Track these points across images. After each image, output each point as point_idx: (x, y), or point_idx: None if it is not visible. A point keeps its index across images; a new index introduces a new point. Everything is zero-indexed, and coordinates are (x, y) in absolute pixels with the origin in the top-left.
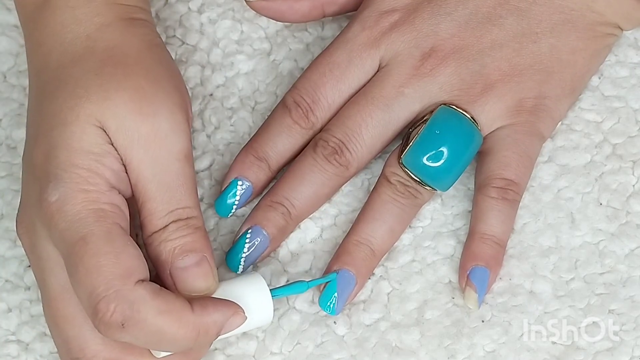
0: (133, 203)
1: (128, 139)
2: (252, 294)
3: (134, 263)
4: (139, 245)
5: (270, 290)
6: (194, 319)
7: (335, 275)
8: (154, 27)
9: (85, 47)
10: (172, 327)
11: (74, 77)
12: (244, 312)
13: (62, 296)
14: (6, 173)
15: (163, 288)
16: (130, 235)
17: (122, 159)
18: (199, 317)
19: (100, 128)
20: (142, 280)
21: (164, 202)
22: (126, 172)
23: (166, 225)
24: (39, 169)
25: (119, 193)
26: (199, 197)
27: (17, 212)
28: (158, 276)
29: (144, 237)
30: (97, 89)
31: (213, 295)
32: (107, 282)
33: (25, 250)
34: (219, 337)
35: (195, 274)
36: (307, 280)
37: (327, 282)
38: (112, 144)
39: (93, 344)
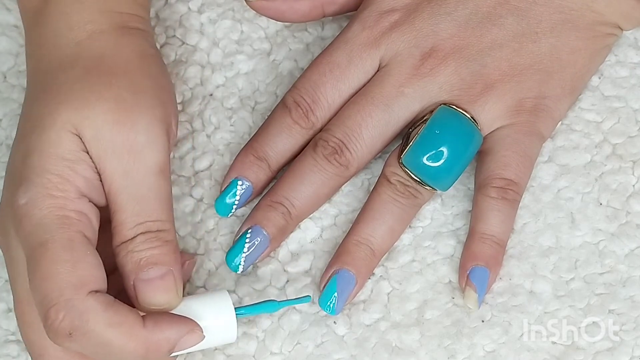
0: (108, 212)
1: (102, 148)
2: (215, 312)
3: (91, 273)
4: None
5: (236, 308)
6: (145, 334)
7: (310, 298)
8: (150, 36)
9: (73, 53)
10: (121, 340)
11: (58, 83)
12: (201, 331)
13: (27, 300)
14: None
15: (117, 300)
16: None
17: (96, 168)
18: (150, 333)
19: (77, 135)
20: (97, 291)
21: (133, 214)
22: (100, 181)
23: (134, 237)
24: (16, 171)
25: (90, 201)
26: (199, 197)
27: None
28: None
29: (113, 246)
30: (77, 96)
31: (174, 311)
32: (60, 290)
33: (2, 252)
34: (175, 354)
35: (157, 287)
36: (279, 300)
37: (327, 282)
38: (87, 152)
39: (52, 350)
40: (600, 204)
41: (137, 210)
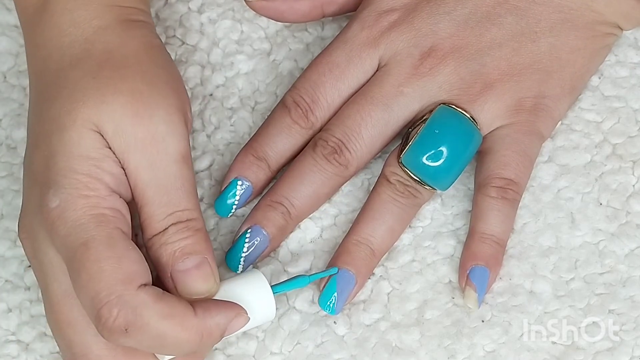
0: (133, 205)
1: (125, 142)
2: (253, 293)
3: (136, 267)
4: (139, 247)
5: (271, 286)
6: (197, 322)
7: (337, 270)
8: (153, 28)
9: (83, 49)
10: (175, 331)
11: (72, 80)
12: (246, 313)
13: (65, 301)
14: (6, 173)
15: (165, 292)
16: (131, 238)
17: (120, 163)
18: (202, 320)
19: (98, 132)
20: (145, 285)
21: (162, 205)
22: (125, 175)
23: (166, 228)
24: (39, 175)
25: (120, 197)
26: (199, 197)
27: (18, 216)
28: (159, 278)
29: (144, 240)
30: (94, 93)
31: (215, 297)
32: (110, 288)
33: (27, 255)
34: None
35: (195, 276)
36: (308, 274)
37: (327, 282)
38: (110, 148)
39: (96, 349)
40: (600, 204)
41: (165, 201)
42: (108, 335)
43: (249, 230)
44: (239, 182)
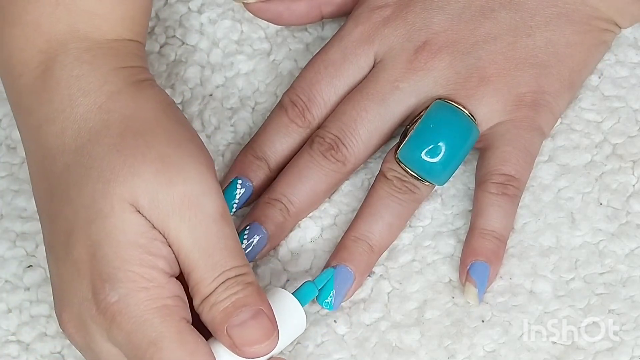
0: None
1: (162, 212)
2: (285, 314)
3: None
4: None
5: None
6: None
7: (333, 271)
8: (158, 85)
9: (100, 120)
10: None
11: (97, 158)
12: (278, 336)
13: None
14: (6, 173)
15: None
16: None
17: (162, 234)
18: None
19: (138, 212)
20: None
21: (208, 269)
22: (170, 247)
23: (215, 289)
24: (84, 265)
25: (176, 278)
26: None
27: (53, 305)
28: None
29: (195, 306)
30: (122, 167)
31: None
32: None
33: (77, 346)
34: None
35: (253, 327)
36: (312, 280)
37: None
38: (153, 225)
39: None
40: (601, 204)
41: (211, 264)
42: None
43: (247, 228)
44: (239, 182)
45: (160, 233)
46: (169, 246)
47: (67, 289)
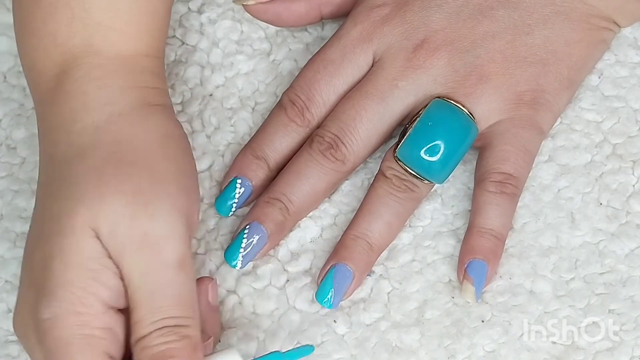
0: None
1: (120, 244)
2: None
3: None
4: None
5: None
6: None
7: (313, 348)
8: (172, 111)
9: (91, 140)
10: None
11: (75, 175)
12: None
13: None
14: (6, 173)
15: None
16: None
17: (117, 266)
18: None
19: (97, 238)
20: None
21: (149, 311)
22: (122, 281)
23: (150, 332)
24: (36, 276)
25: (117, 310)
26: (200, 197)
27: (14, 309)
28: None
29: (131, 343)
30: (93, 191)
31: None
32: None
33: (26, 350)
34: None
35: None
36: (282, 352)
37: (324, 277)
38: (109, 254)
39: None
40: (601, 204)
41: (153, 307)
42: None
43: (247, 227)
44: (239, 181)
45: (115, 264)
46: (121, 279)
47: (21, 297)
